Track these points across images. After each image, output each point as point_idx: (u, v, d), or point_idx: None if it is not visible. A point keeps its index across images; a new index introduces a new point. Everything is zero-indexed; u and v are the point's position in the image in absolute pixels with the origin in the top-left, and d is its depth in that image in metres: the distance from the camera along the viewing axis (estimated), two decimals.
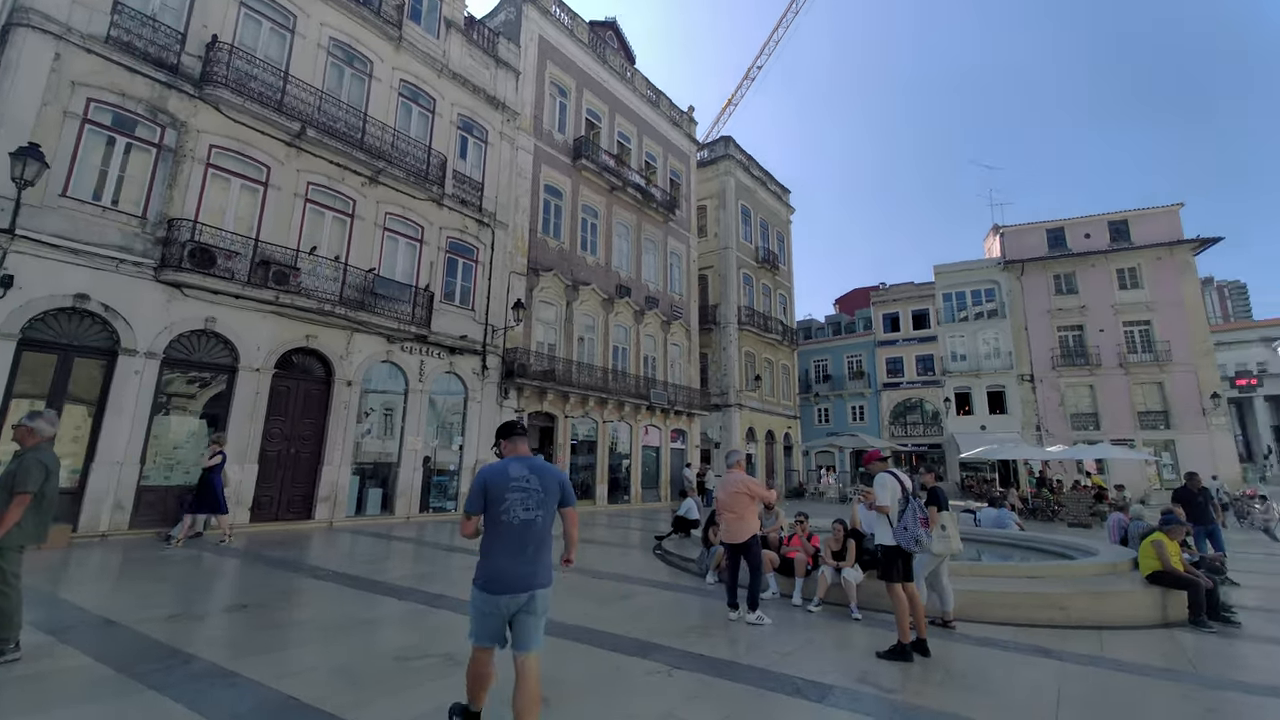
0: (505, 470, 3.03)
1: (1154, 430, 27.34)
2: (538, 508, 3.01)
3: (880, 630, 5.31)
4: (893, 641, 4.75)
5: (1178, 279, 28.29)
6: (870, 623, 5.67)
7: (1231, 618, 6.23)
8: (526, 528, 2.97)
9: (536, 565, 2.99)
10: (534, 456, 3.22)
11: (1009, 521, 11.12)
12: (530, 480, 3.03)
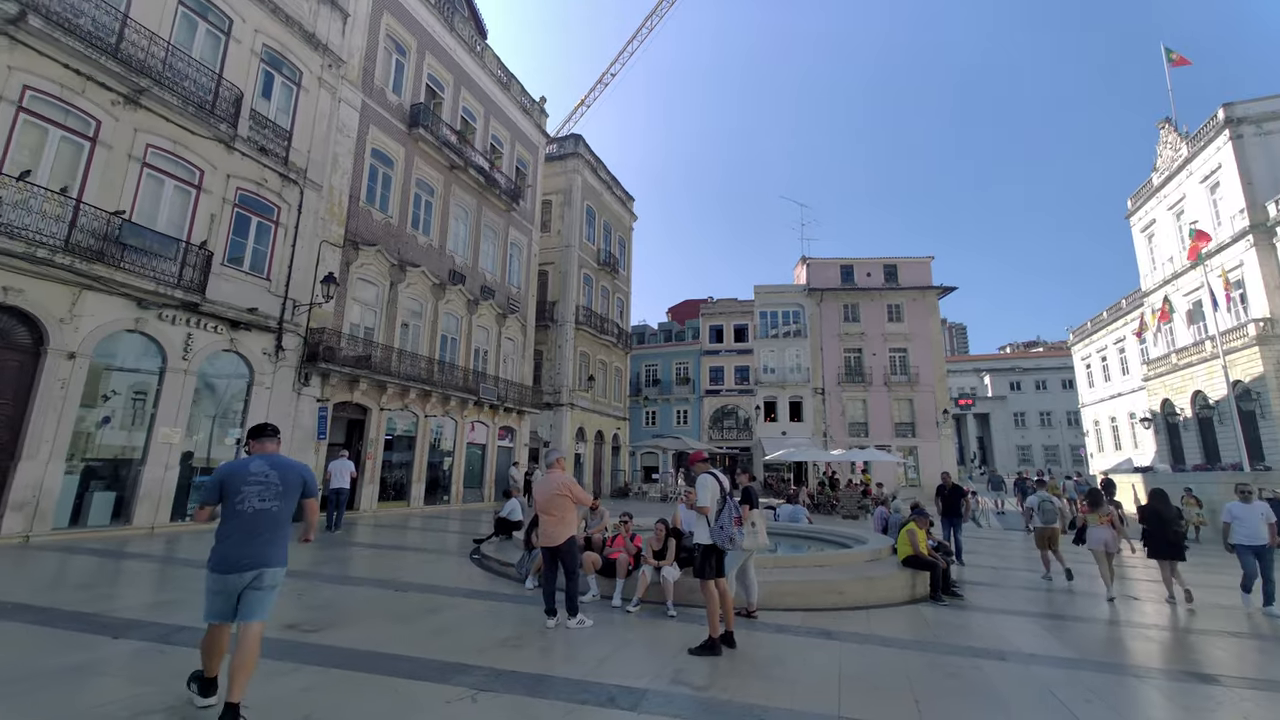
0: (246, 466, 3.41)
1: (905, 438, 33.56)
2: (275, 499, 3.37)
3: (693, 626, 5.46)
4: (704, 637, 4.89)
5: (927, 317, 35.16)
6: (684, 619, 5.83)
7: (958, 592, 7.68)
8: (261, 516, 3.32)
9: (268, 548, 3.31)
10: (278, 454, 3.61)
11: (801, 516, 12.56)
12: (270, 475, 3.40)
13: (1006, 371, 59.15)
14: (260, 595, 3.27)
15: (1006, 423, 57.21)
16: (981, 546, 14.04)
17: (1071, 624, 6.65)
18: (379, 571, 8.26)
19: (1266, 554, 7.57)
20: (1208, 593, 9.05)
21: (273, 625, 4.77)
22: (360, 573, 8.25)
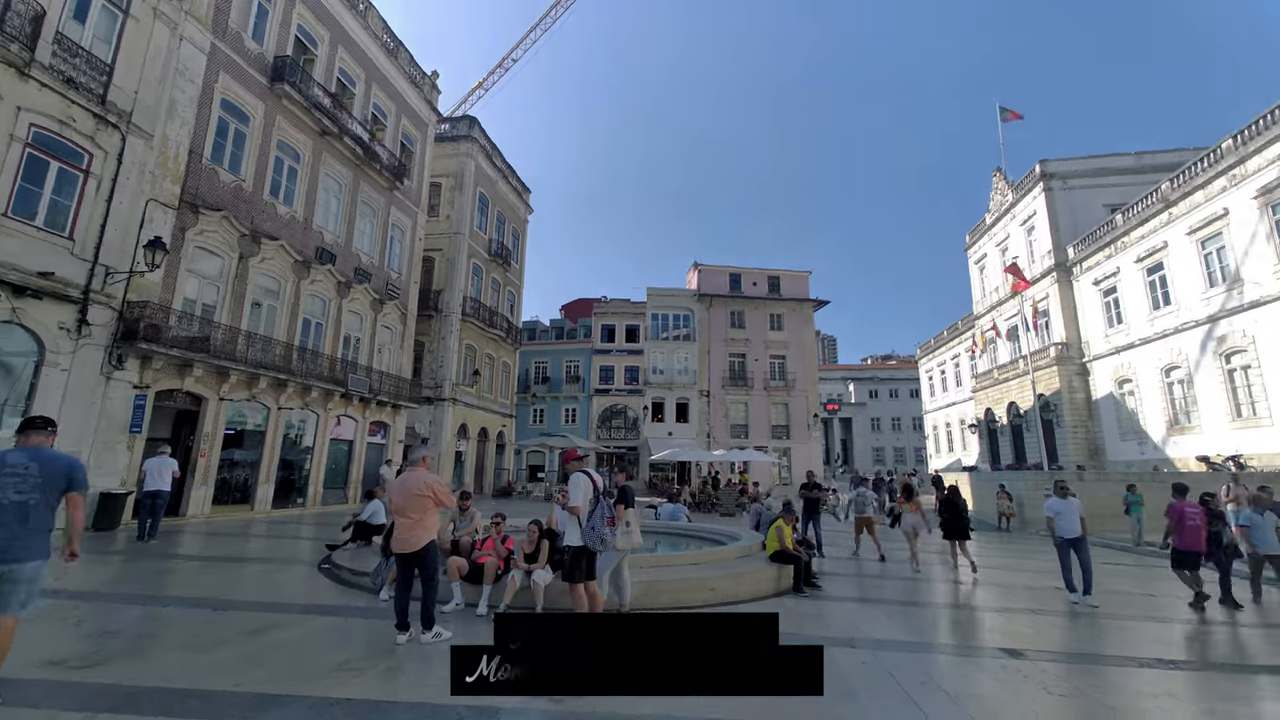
0: (3, 458, 3.40)
1: (780, 440, 35.89)
2: (33, 491, 3.34)
3: None
4: None
5: (803, 327, 37.92)
6: None
7: (818, 583, 8.15)
8: (15, 508, 3.30)
9: (16, 541, 3.27)
10: (43, 448, 3.54)
11: (681, 514, 12.82)
12: (29, 468, 3.37)
13: (867, 381, 65.69)
14: (13, 589, 3.24)
15: (865, 427, 63.46)
16: (840, 539, 15.26)
17: (912, 609, 7.31)
18: (198, 588, 7.06)
19: (1082, 546, 7.85)
20: (1014, 574, 10.48)
21: (32, 662, 3.83)
22: (172, 590, 7.00)
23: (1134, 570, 11.37)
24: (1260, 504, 7.82)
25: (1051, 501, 8.27)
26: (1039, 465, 30.99)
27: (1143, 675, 4.80)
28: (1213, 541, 7.70)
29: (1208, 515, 7.77)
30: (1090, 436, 29.94)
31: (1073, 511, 8.00)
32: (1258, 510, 7.80)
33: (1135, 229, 26.69)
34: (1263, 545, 7.72)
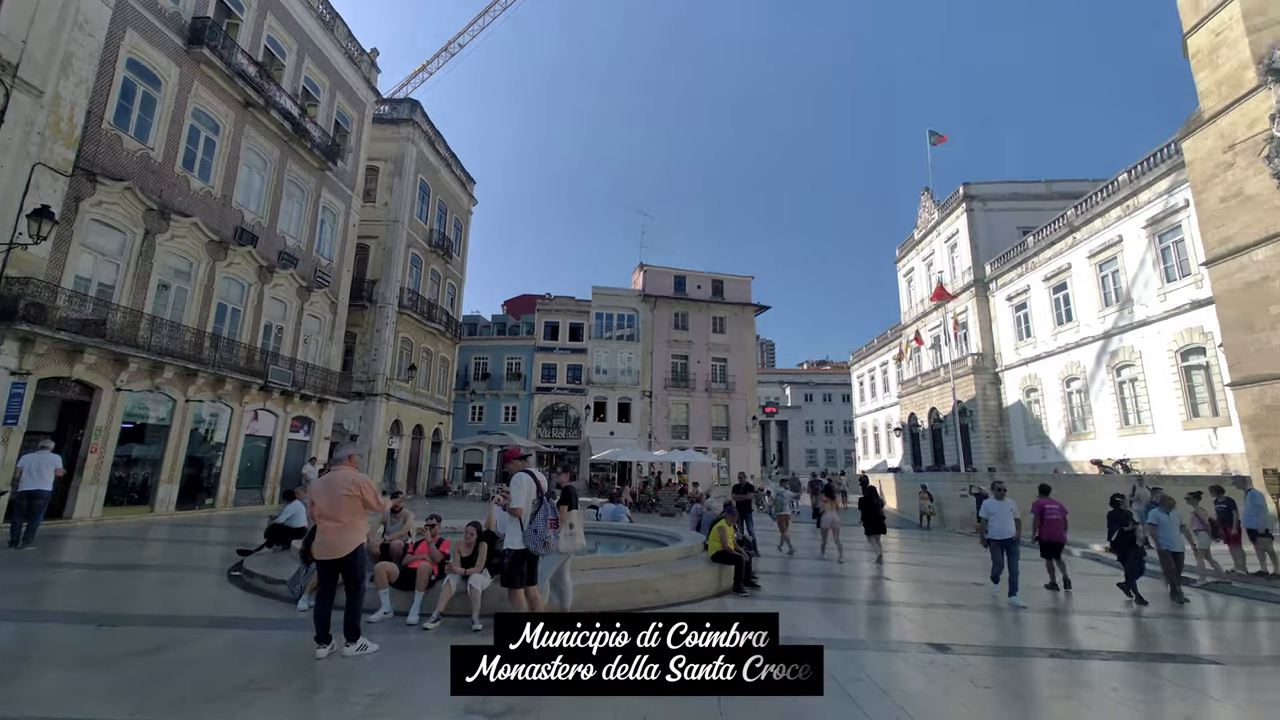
0: None
1: (720, 441, 36.55)
2: None
3: None
4: None
5: (745, 331, 38.81)
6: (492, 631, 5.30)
7: (757, 583, 8.27)
8: None
9: None
10: None
11: (623, 515, 12.73)
12: None
13: (803, 385, 68.15)
14: None
15: (800, 429, 65.80)
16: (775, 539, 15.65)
17: (844, 606, 7.54)
18: (82, 600, 6.30)
19: (1014, 547, 7.92)
20: (936, 570, 11.07)
21: None
22: (51, 604, 6.21)
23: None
24: (1166, 504, 8.50)
25: (989, 503, 8.34)
26: (956, 467, 33.07)
27: (1055, 665, 5.14)
28: (1127, 541, 8.22)
29: (1064, 512, 8.80)
30: (1001, 441, 32.29)
31: (1008, 513, 8.11)
32: (1163, 510, 8.42)
33: (1044, 250, 29.02)
34: (1168, 543, 8.30)
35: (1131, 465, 22.75)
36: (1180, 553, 8.36)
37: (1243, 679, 5.16)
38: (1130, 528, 8.28)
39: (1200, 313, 20.40)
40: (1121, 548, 8.32)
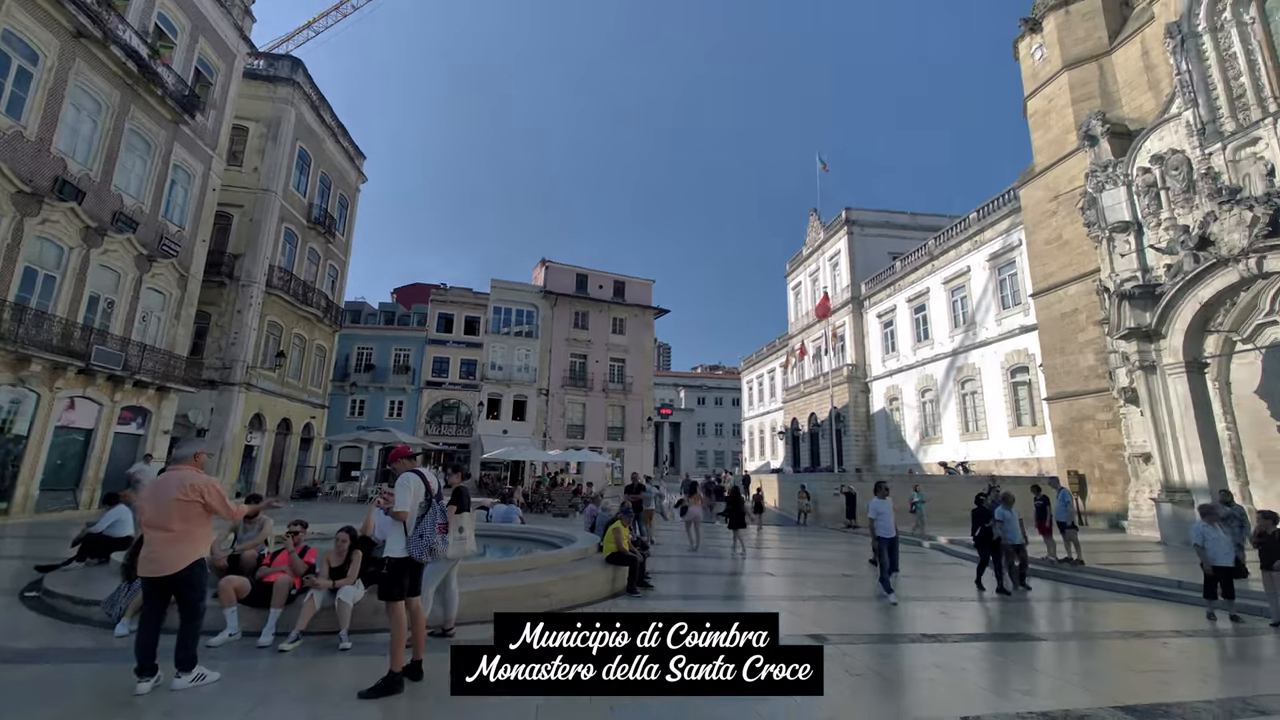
0: None
1: (615, 441, 36.77)
2: None
3: (375, 659, 4.49)
4: (384, 672, 4.03)
5: (644, 333, 39.42)
6: (363, 650, 4.80)
7: (649, 582, 8.31)
8: None
9: None
10: None
11: (515, 516, 12.29)
12: None
13: (696, 388, 70.68)
14: None
15: (693, 431, 68.14)
16: (666, 538, 15.97)
17: (731, 603, 7.80)
18: None
19: (895, 545, 8.23)
20: (812, 564, 11.86)
21: None
22: None
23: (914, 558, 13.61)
24: (1009, 502, 9.58)
25: (875, 502, 8.57)
26: (830, 468, 35.92)
27: (915, 649, 5.65)
28: (987, 535, 9.19)
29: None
30: (867, 444, 35.59)
31: (891, 512, 8.40)
32: (1006, 507, 9.46)
33: (909, 275, 32.47)
34: (1012, 537, 9.27)
35: (970, 467, 26.09)
36: (1022, 545, 9.43)
37: (1067, 653, 6.01)
38: (991, 524, 9.23)
39: (1026, 337, 23.87)
40: (984, 542, 9.27)
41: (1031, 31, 22.21)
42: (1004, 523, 9.24)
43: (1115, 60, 19.73)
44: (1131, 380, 16.03)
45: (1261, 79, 14.92)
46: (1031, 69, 22.35)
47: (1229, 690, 4.61)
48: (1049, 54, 21.45)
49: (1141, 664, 5.46)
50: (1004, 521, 9.24)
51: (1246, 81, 15.15)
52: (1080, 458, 19.32)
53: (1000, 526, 9.20)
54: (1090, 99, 19.94)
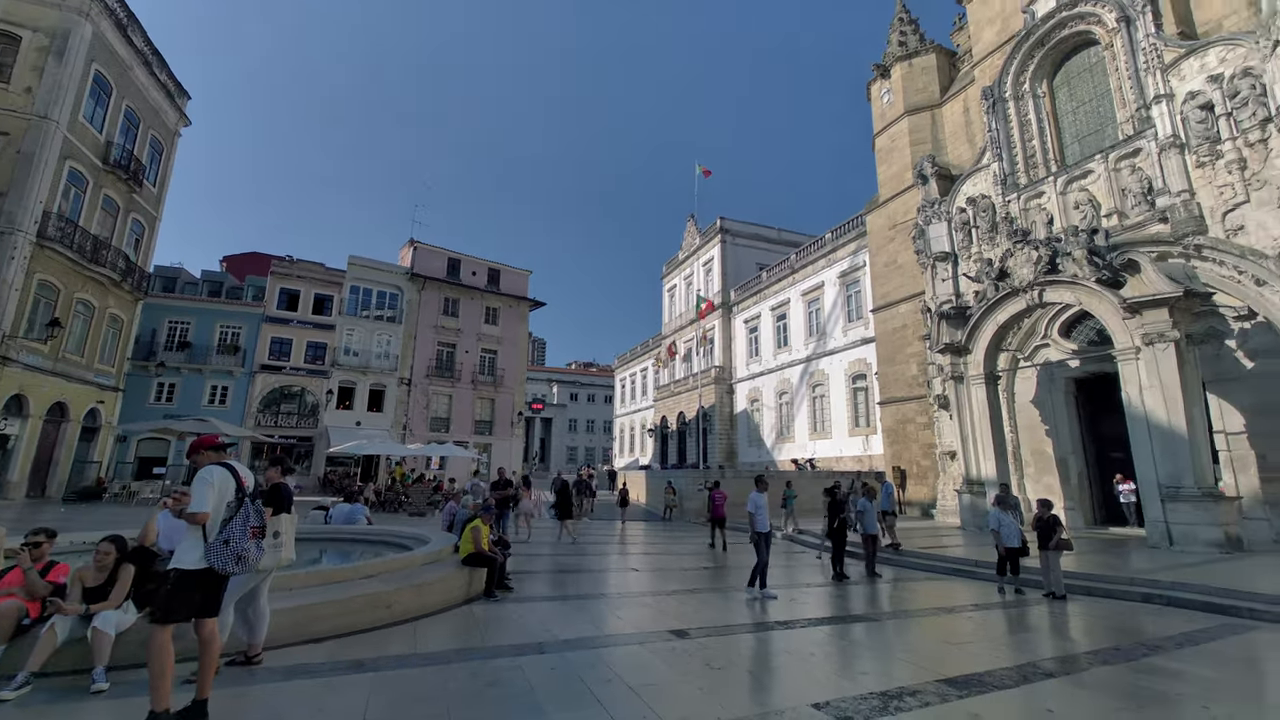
0: None
1: (483, 435, 35.10)
2: None
3: (140, 701, 3.52)
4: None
5: (518, 325, 38.13)
6: (126, 690, 3.77)
7: (509, 584, 7.80)
8: None
9: None
10: None
11: (360, 516, 10.99)
12: None
13: (570, 384, 70.21)
14: None
15: (564, 427, 67.55)
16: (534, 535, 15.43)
17: (595, 601, 7.57)
18: None
19: (768, 541, 8.14)
20: (676, 559, 12.09)
21: None
22: None
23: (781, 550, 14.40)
24: (871, 495, 10.29)
25: (754, 496, 8.32)
26: (695, 465, 37.53)
27: (770, 637, 5.84)
28: (842, 529, 9.59)
29: (725, 498, 12.74)
30: (730, 442, 37.75)
31: (767, 506, 8.30)
32: (868, 499, 10.17)
33: (773, 285, 35.02)
34: (871, 528, 9.98)
35: (816, 463, 28.75)
36: (877, 535, 10.17)
37: (895, 631, 6.60)
38: (845, 514, 9.75)
39: (866, 348, 26.83)
40: (839, 533, 9.60)
41: (882, 77, 24.95)
42: (864, 514, 9.85)
43: (944, 112, 22.84)
44: (944, 389, 18.59)
45: (1048, 144, 18.13)
46: (880, 110, 25.11)
47: (1021, 656, 5.32)
48: (894, 99, 24.25)
49: (954, 637, 6.17)
50: (864, 513, 9.85)
51: (1037, 145, 18.31)
52: (903, 455, 22.08)
53: (861, 517, 9.80)
54: (924, 143, 22.89)
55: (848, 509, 9.86)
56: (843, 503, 9.78)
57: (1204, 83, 14.08)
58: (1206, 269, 13.48)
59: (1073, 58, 18.04)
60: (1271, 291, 12.62)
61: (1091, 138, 17.22)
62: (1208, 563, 9.93)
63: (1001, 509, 8.89)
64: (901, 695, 4.06)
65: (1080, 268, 13.87)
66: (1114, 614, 7.22)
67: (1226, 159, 13.56)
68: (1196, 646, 5.66)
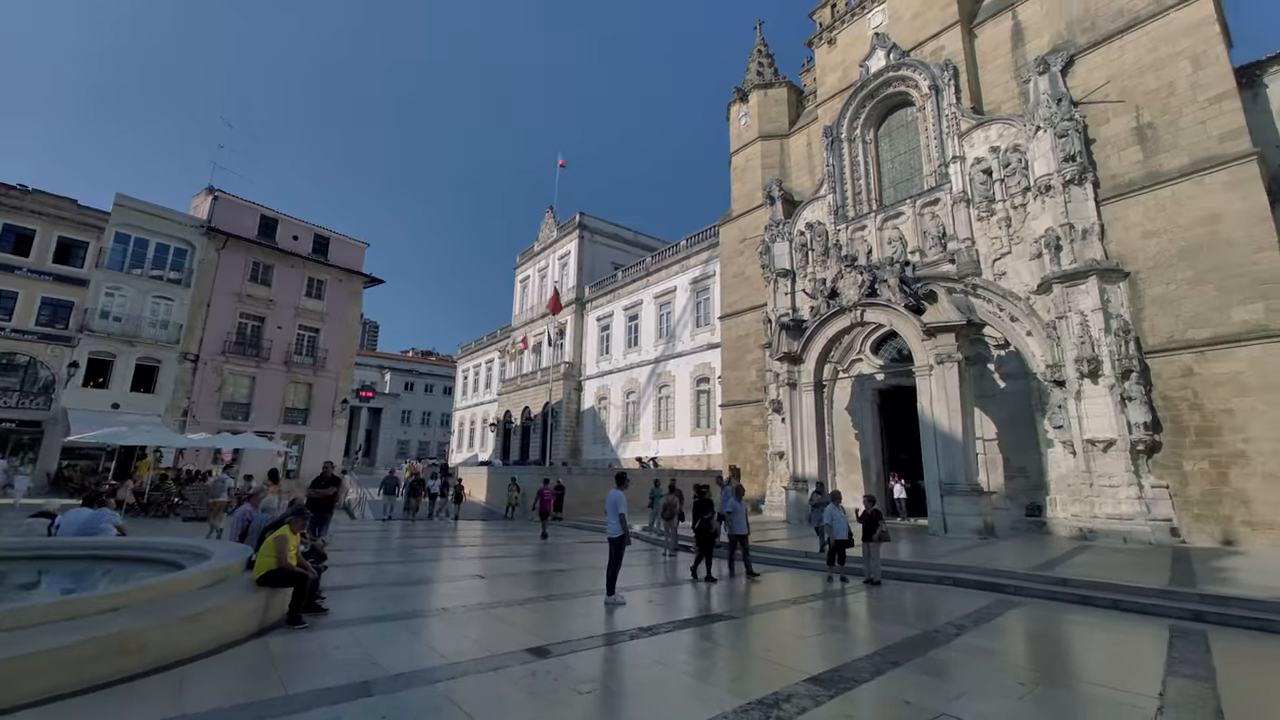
0: None
1: (293, 425, 30.29)
2: None
3: None
4: None
5: (349, 302, 33.70)
6: None
7: (321, 604, 6.44)
8: None
9: None
10: None
11: (106, 524, 8.41)
12: None
13: (406, 373, 64.35)
14: None
15: (395, 419, 61.67)
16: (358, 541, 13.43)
17: (431, 619, 6.56)
18: None
19: (623, 544, 7.54)
20: (521, 562, 11.31)
21: None
22: None
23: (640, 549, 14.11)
24: (741, 494, 10.00)
25: (613, 494, 7.72)
26: (539, 461, 36.59)
27: (639, 647, 5.45)
28: (706, 529, 9.32)
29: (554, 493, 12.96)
30: (575, 439, 37.46)
31: (625, 504, 7.73)
32: (738, 499, 9.81)
33: (627, 285, 35.54)
34: (739, 528, 9.63)
35: (659, 461, 29.69)
36: (746, 534, 9.79)
37: (753, 629, 6.66)
38: (710, 515, 9.43)
39: (711, 352, 28.38)
40: (703, 533, 9.30)
41: (741, 100, 26.62)
42: (734, 514, 9.61)
43: (791, 143, 25.04)
44: (779, 394, 20.28)
45: (871, 184, 20.74)
46: (737, 130, 26.76)
47: (869, 646, 5.64)
48: (751, 123, 26.01)
49: (807, 630, 6.41)
50: (734, 513, 9.61)
51: (863, 184, 20.86)
52: (739, 455, 23.67)
53: (730, 517, 9.57)
54: (774, 167, 24.88)
55: (712, 511, 9.59)
56: (710, 502, 9.58)
57: (987, 151, 17.15)
58: (980, 305, 16.40)
59: (895, 113, 20.88)
60: (1021, 327, 15.75)
61: (904, 184, 20.07)
62: (974, 547, 11.94)
63: (836, 504, 9.68)
64: (779, 703, 3.93)
65: (894, 294, 15.96)
66: (923, 597, 8.19)
67: (998, 216, 16.64)
68: (990, 623, 6.56)
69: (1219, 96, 13.23)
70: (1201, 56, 13.57)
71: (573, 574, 9.78)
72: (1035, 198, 15.79)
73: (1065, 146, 15.07)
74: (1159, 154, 13.94)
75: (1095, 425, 13.79)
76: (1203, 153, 13.25)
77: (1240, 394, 12.15)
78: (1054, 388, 14.78)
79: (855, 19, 22.07)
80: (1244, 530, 11.84)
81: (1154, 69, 14.25)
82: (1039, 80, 16.11)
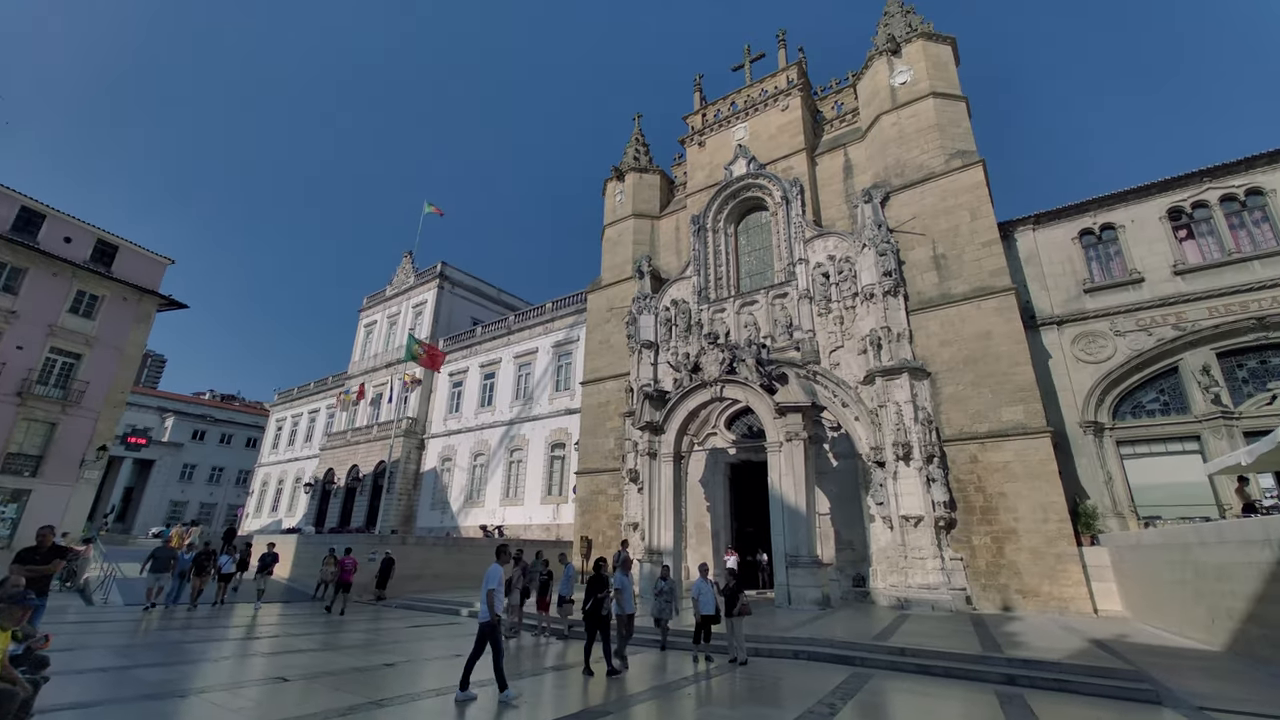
0: None
1: (16, 476, 23.00)
2: None
3: None
4: None
5: (130, 326, 27.48)
6: None
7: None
8: None
9: None
10: None
11: None
12: None
13: (197, 418, 53.53)
14: None
15: (172, 473, 50.29)
16: (98, 638, 9.99)
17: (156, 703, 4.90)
18: None
19: (499, 631, 6.74)
20: (340, 655, 9.32)
21: None
22: None
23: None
24: (627, 567, 9.04)
25: (493, 569, 6.83)
26: (362, 529, 31.98)
27: None
28: (597, 610, 8.00)
29: (355, 566, 9.64)
30: (409, 504, 33.63)
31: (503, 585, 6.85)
32: (625, 573, 8.93)
33: (485, 342, 34.11)
34: (627, 607, 8.58)
35: (505, 530, 27.62)
36: (633, 614, 8.65)
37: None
38: (604, 595, 8.15)
39: (570, 418, 27.86)
40: (594, 616, 8.00)
41: (618, 179, 28.17)
42: (622, 591, 8.59)
43: (661, 225, 26.83)
44: (637, 463, 20.31)
45: (730, 273, 22.77)
46: (612, 205, 28.07)
47: None
48: (625, 200, 27.49)
49: None
50: (621, 590, 8.60)
51: (724, 271, 22.83)
52: (592, 525, 22.94)
53: (619, 595, 8.50)
54: (644, 244, 26.29)
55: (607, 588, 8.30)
56: (605, 579, 8.31)
57: (825, 258, 19.89)
58: (819, 389, 18.34)
59: (753, 213, 23.53)
60: (850, 412, 17.84)
61: (759, 275, 22.37)
62: (817, 619, 12.54)
63: (703, 578, 9.54)
64: None
65: (751, 373, 17.20)
66: (787, 675, 8.18)
67: (833, 314, 19.12)
68: (855, 699, 6.70)
69: (988, 242, 16.98)
70: (976, 210, 17.43)
71: (405, 670, 8.21)
72: (862, 302, 18.47)
73: (884, 264, 18.04)
74: (950, 279, 17.29)
75: (908, 503, 15.76)
76: (979, 282, 16.71)
77: (1010, 480, 14.82)
78: (876, 468, 16.74)
79: (722, 129, 24.96)
80: (1017, 598, 14.06)
81: (945, 213, 17.94)
82: (864, 208, 19.35)
